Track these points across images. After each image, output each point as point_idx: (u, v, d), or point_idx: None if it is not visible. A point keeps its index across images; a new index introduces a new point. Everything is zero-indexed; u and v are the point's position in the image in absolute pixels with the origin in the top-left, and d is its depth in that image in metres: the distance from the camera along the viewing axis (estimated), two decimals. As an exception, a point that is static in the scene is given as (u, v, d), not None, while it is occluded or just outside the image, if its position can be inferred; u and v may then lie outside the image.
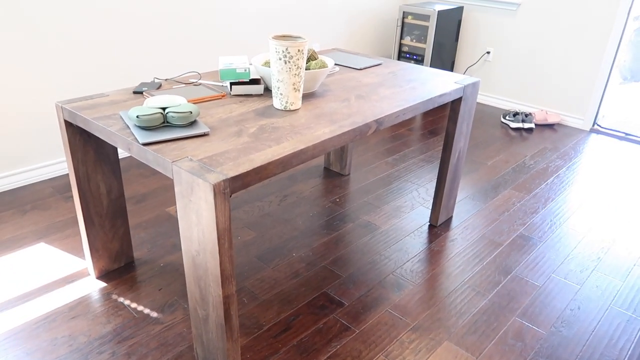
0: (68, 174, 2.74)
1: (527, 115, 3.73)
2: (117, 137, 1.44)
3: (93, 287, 1.90)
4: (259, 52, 3.48)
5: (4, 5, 2.27)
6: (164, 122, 1.46)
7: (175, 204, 2.48)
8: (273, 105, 1.71)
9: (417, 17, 3.97)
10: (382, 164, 3.04)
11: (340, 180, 2.81)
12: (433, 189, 2.76)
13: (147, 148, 1.35)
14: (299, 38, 1.64)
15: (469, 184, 2.83)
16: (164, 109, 1.48)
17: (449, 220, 2.45)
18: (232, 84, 1.79)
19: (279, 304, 1.85)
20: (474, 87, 2.14)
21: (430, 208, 2.54)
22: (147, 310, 1.79)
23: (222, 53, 3.25)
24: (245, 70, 1.79)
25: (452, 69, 4.37)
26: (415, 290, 1.96)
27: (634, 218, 2.55)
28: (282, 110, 1.67)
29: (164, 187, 2.65)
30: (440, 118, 3.87)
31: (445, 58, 4.18)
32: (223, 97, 1.77)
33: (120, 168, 2.15)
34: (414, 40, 4.06)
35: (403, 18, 4.04)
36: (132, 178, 2.73)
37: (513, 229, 2.40)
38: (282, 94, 1.64)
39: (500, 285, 2.01)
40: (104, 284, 1.91)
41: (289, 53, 1.55)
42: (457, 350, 1.68)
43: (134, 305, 1.82)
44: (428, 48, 3.96)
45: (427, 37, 3.96)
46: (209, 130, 1.47)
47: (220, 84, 1.91)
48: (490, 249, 2.24)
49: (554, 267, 2.14)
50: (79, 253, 2.09)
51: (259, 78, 1.85)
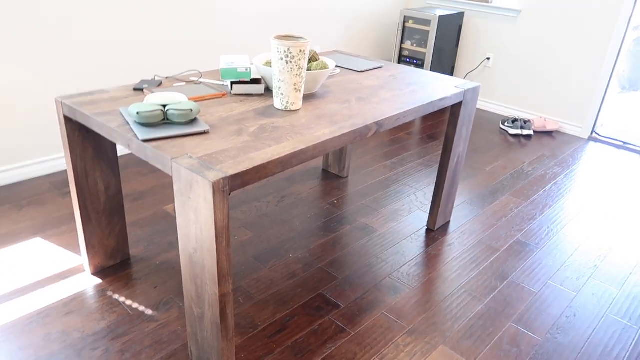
0: (65, 170, 2.73)
1: (525, 122, 3.74)
2: (116, 133, 1.43)
3: (88, 283, 1.89)
4: (260, 52, 3.48)
5: (5, 1, 2.27)
6: (164, 119, 1.46)
7: (173, 203, 2.47)
8: (274, 105, 1.71)
9: (418, 21, 3.98)
10: (380, 167, 3.04)
11: (339, 183, 2.80)
12: (431, 193, 2.76)
13: (146, 145, 1.35)
14: (301, 38, 1.64)
15: (467, 189, 2.84)
16: (165, 106, 1.47)
17: (447, 225, 2.45)
18: (233, 83, 1.79)
19: (275, 305, 1.85)
20: (474, 92, 2.15)
21: (428, 212, 2.54)
22: (142, 308, 1.79)
23: (222, 53, 3.25)
24: (247, 70, 1.79)
25: (452, 74, 4.38)
26: (412, 294, 1.96)
27: (631, 227, 2.56)
28: (282, 111, 1.67)
29: (162, 185, 2.64)
30: (440, 123, 3.87)
31: (446, 63, 4.19)
32: (224, 96, 1.77)
33: (119, 165, 2.15)
34: (415, 45, 4.07)
35: (404, 22, 4.05)
36: (130, 176, 2.72)
37: (510, 235, 2.41)
38: (283, 94, 1.64)
39: (497, 291, 2.01)
40: (99, 281, 1.90)
41: (291, 53, 1.55)
42: (452, 355, 1.67)
43: (129, 303, 1.81)
44: (428, 53, 3.97)
45: (427, 41, 3.97)
46: (209, 129, 1.46)
47: (221, 83, 1.91)
48: (487, 255, 2.24)
49: (551, 273, 2.14)
50: (75, 249, 2.08)
51: (260, 78, 1.85)
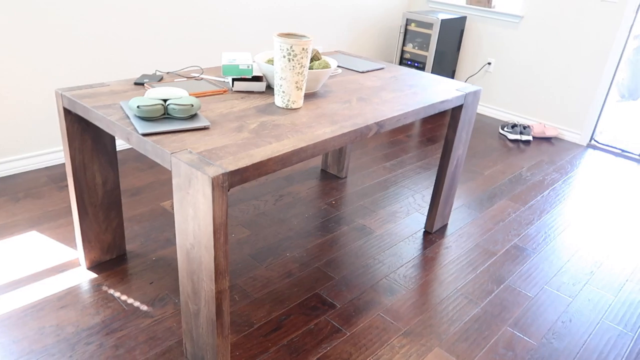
0: (63, 164, 2.72)
1: (525, 128, 3.74)
2: (116, 126, 1.43)
3: (83, 277, 1.88)
4: (261, 52, 3.47)
5: (8, -9, 2.26)
6: (165, 113, 1.45)
7: (171, 199, 2.46)
8: (274, 103, 1.70)
9: (420, 24, 3.98)
10: (379, 169, 3.03)
11: (337, 183, 2.80)
12: (429, 196, 2.76)
13: (146, 139, 1.34)
14: (304, 37, 1.63)
15: (465, 193, 2.84)
16: (165, 101, 1.47)
17: (444, 228, 2.45)
18: (234, 80, 1.78)
19: (271, 303, 1.84)
20: (475, 95, 2.15)
21: (426, 215, 2.54)
22: (137, 303, 1.78)
23: (223, 52, 3.24)
24: (248, 67, 1.78)
25: (452, 78, 4.38)
26: (408, 296, 1.95)
27: (628, 234, 2.56)
28: (283, 108, 1.66)
29: (160, 181, 2.63)
30: (439, 126, 3.87)
31: (447, 67, 4.19)
32: (225, 92, 1.77)
33: (117, 160, 2.13)
34: (416, 48, 4.08)
35: (406, 25, 4.05)
36: (128, 171, 2.71)
37: (507, 239, 2.40)
38: (284, 92, 1.63)
39: (493, 294, 2.01)
40: (95, 275, 1.89)
41: (293, 51, 1.55)
42: (447, 357, 1.67)
43: (124, 298, 1.80)
44: (430, 56, 3.97)
45: (429, 45, 3.97)
46: (210, 124, 1.46)
47: (222, 80, 1.90)
48: (484, 258, 2.24)
49: (547, 278, 2.14)
50: (71, 243, 2.07)
51: (262, 75, 1.84)
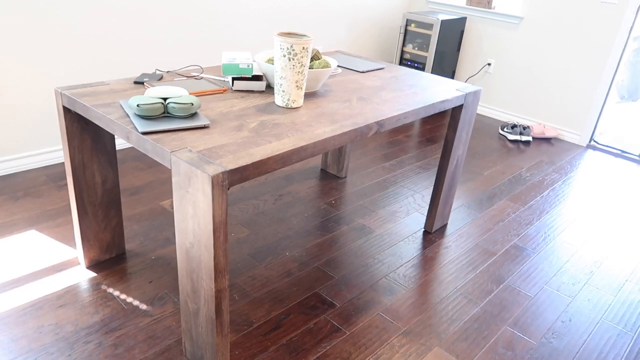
0: (62, 163, 2.72)
1: (525, 128, 3.74)
2: (116, 125, 1.42)
3: (82, 276, 1.87)
4: (261, 51, 3.47)
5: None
6: (165, 112, 1.45)
7: (170, 198, 2.46)
8: (274, 102, 1.70)
9: (420, 25, 3.99)
10: (379, 169, 3.03)
11: (337, 183, 2.80)
12: (429, 196, 2.76)
13: (146, 137, 1.34)
14: (305, 36, 1.63)
15: (465, 193, 2.84)
16: (165, 99, 1.46)
17: (444, 228, 2.45)
18: (234, 79, 1.78)
19: (270, 302, 1.84)
20: (475, 95, 2.15)
21: (426, 214, 2.54)
22: (136, 302, 1.77)
23: (222, 51, 3.24)
24: (248, 66, 1.78)
25: (452, 79, 4.38)
26: (408, 295, 1.95)
27: (627, 234, 2.56)
28: (283, 108, 1.66)
29: (160, 180, 2.63)
30: (439, 126, 3.87)
31: (447, 67, 4.19)
32: (224, 91, 1.77)
33: (117, 159, 2.13)
34: (416, 48, 4.08)
35: (406, 25, 4.05)
36: (127, 170, 2.71)
37: (507, 239, 2.40)
38: (284, 91, 1.63)
39: (493, 294, 2.00)
40: (94, 274, 1.89)
41: (294, 50, 1.55)
42: (447, 357, 1.67)
43: (123, 297, 1.79)
44: (430, 56, 3.97)
45: (429, 45, 3.97)
46: (209, 123, 1.46)
47: (222, 79, 1.90)
48: (484, 258, 2.24)
49: (547, 278, 2.14)
50: (70, 242, 2.06)
51: (262, 75, 1.84)
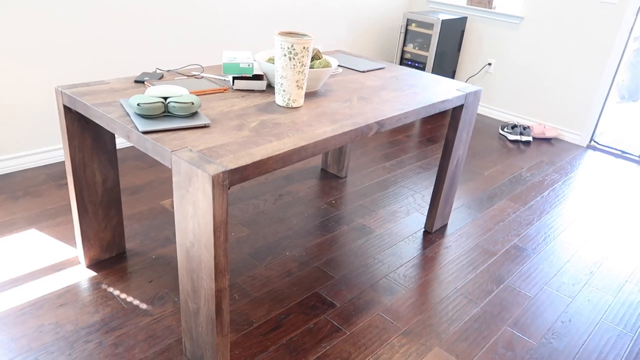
0: (62, 162, 2.72)
1: (525, 128, 3.74)
2: (116, 124, 1.42)
3: (83, 275, 1.87)
4: (261, 51, 3.47)
5: (8, -12, 2.26)
6: (165, 111, 1.45)
7: (170, 198, 2.46)
8: (275, 102, 1.70)
9: (420, 25, 3.98)
10: (379, 169, 3.03)
11: (337, 183, 2.80)
12: (429, 196, 2.76)
13: (146, 136, 1.34)
14: (305, 35, 1.63)
15: (465, 193, 2.83)
16: (166, 99, 1.46)
17: (444, 228, 2.45)
18: (234, 79, 1.78)
19: (270, 302, 1.84)
20: (476, 95, 2.15)
21: (426, 214, 2.54)
22: (136, 302, 1.77)
23: (223, 51, 3.24)
24: (249, 65, 1.78)
25: (453, 79, 4.38)
26: (408, 295, 1.95)
27: (628, 235, 2.56)
28: (284, 107, 1.66)
29: (160, 180, 2.63)
30: (439, 127, 3.87)
31: (447, 67, 4.19)
32: (225, 91, 1.76)
33: (117, 158, 2.13)
34: (417, 48, 4.08)
35: (407, 25, 4.05)
36: (127, 169, 2.71)
37: (507, 239, 2.40)
38: (284, 91, 1.63)
39: (493, 294, 2.00)
40: (94, 274, 1.89)
41: (294, 50, 1.55)
42: (447, 357, 1.67)
43: (124, 296, 1.79)
44: (430, 56, 3.97)
45: (429, 45, 3.97)
46: (210, 122, 1.45)
47: (223, 78, 1.90)
48: (484, 258, 2.24)
49: (547, 279, 2.14)
50: (70, 241, 2.06)
51: (262, 74, 1.84)
